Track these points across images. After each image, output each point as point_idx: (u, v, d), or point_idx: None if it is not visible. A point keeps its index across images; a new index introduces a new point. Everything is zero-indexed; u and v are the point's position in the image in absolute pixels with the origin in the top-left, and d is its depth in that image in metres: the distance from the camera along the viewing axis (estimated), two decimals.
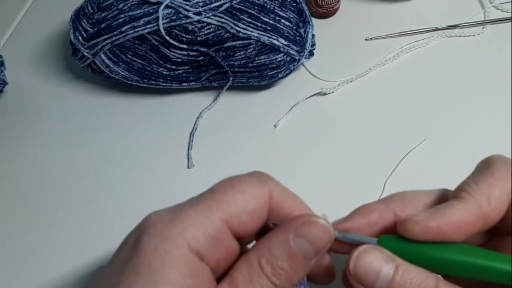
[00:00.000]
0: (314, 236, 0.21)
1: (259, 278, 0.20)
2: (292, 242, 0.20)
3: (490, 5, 0.50)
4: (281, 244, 0.20)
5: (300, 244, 0.20)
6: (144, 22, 0.41)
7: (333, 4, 0.50)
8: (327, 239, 0.21)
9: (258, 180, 0.22)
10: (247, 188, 0.21)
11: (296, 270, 0.21)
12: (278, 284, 0.20)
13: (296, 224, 0.21)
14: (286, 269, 0.20)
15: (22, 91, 0.49)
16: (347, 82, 0.46)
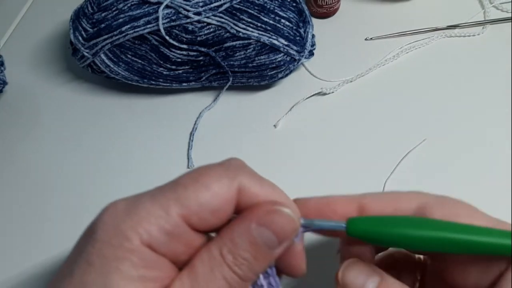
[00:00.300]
0: (277, 225, 0.20)
1: (220, 267, 0.20)
2: (254, 231, 0.20)
3: (490, 5, 0.50)
4: (243, 233, 0.20)
5: (263, 233, 0.20)
6: (144, 22, 0.41)
7: (333, 4, 0.50)
8: (291, 228, 0.21)
9: (227, 174, 0.21)
10: (213, 183, 0.20)
11: (259, 260, 0.20)
12: (240, 274, 0.20)
13: (259, 213, 0.20)
14: (248, 259, 0.20)
15: (22, 91, 0.49)
16: (347, 82, 0.46)
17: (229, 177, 0.21)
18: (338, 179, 0.40)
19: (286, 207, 0.21)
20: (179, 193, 0.20)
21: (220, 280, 0.20)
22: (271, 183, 0.22)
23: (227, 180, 0.20)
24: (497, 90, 0.44)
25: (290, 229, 0.21)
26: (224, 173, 0.21)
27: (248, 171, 0.22)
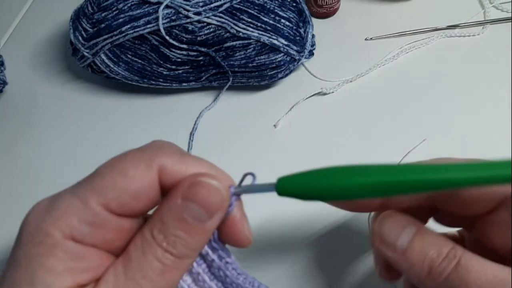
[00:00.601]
0: (202, 197, 0.20)
1: (151, 248, 0.19)
2: (180, 207, 0.19)
3: (490, 5, 0.50)
4: (170, 210, 0.20)
5: (190, 208, 0.19)
6: (144, 22, 0.41)
7: (333, 4, 0.50)
8: (218, 199, 0.20)
9: (144, 158, 0.20)
10: (129, 169, 0.20)
11: (194, 236, 0.20)
12: (175, 253, 0.20)
13: (182, 188, 0.20)
14: (180, 236, 0.19)
15: (22, 91, 0.49)
16: (347, 82, 0.46)
17: (146, 159, 0.20)
18: None
19: (210, 177, 0.20)
20: (96, 182, 0.20)
21: (153, 261, 0.19)
22: (196, 157, 0.22)
23: (143, 163, 0.20)
24: (497, 90, 0.44)
25: (217, 200, 0.20)
26: (141, 156, 0.20)
27: (168, 151, 0.21)
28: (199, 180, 0.20)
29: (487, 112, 0.42)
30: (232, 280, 0.22)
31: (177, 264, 0.20)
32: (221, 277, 0.22)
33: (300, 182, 0.21)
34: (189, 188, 0.20)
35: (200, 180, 0.20)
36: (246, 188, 0.22)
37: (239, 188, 0.22)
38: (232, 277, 0.22)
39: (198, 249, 0.21)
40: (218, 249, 0.22)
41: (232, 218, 0.22)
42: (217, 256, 0.22)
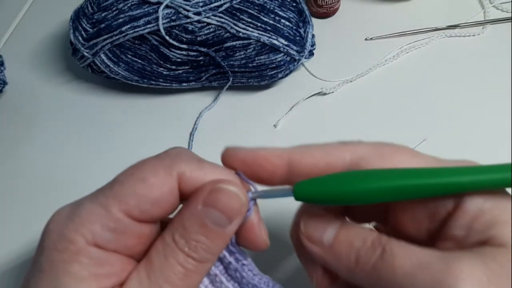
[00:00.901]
0: (223, 203, 0.20)
1: (173, 253, 0.20)
2: (201, 213, 0.20)
3: (490, 5, 0.50)
4: (191, 216, 0.20)
5: (210, 213, 0.20)
6: (144, 22, 0.41)
7: (333, 4, 0.50)
8: (238, 204, 0.21)
9: (163, 165, 0.21)
10: (148, 176, 0.20)
11: (214, 240, 0.20)
12: (196, 257, 0.20)
13: (203, 194, 0.20)
14: (202, 240, 0.20)
15: (22, 91, 0.49)
16: (347, 82, 0.46)
17: (165, 167, 0.21)
18: None
19: (229, 184, 0.21)
20: (116, 190, 0.20)
21: (175, 266, 0.20)
22: (213, 164, 0.22)
23: (163, 170, 0.20)
24: (497, 90, 0.44)
25: (237, 205, 0.21)
26: (160, 163, 0.21)
27: (186, 158, 0.22)
28: (219, 186, 0.20)
29: (487, 112, 0.42)
30: (248, 281, 0.23)
31: (198, 268, 0.20)
32: (238, 278, 0.23)
33: (318, 187, 0.21)
34: (209, 195, 0.20)
35: (220, 187, 0.20)
36: (264, 193, 0.22)
37: (257, 193, 0.22)
38: (248, 278, 0.23)
39: (218, 253, 0.21)
40: (235, 252, 0.23)
41: (250, 223, 0.22)
42: (234, 258, 0.23)
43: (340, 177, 0.21)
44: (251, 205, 0.22)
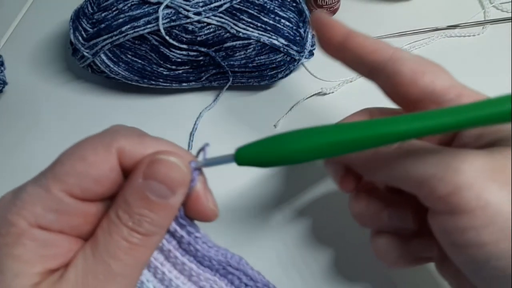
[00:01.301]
0: (163, 174, 0.20)
1: (117, 229, 0.20)
2: (142, 186, 0.20)
3: (490, 5, 0.50)
4: (132, 190, 0.20)
5: (151, 185, 0.20)
6: (144, 22, 0.41)
7: (333, 4, 0.50)
8: (179, 175, 0.20)
9: (102, 142, 0.21)
10: (87, 154, 0.20)
11: (158, 213, 0.20)
12: (141, 231, 0.20)
13: (143, 167, 0.20)
14: (145, 214, 0.20)
15: (22, 91, 0.49)
16: (347, 82, 0.46)
17: (104, 143, 0.20)
18: None
19: (169, 154, 0.20)
20: (57, 170, 0.20)
21: (119, 241, 0.20)
22: (155, 137, 0.22)
23: (102, 147, 0.20)
24: (497, 90, 0.44)
25: (178, 176, 0.20)
26: (99, 140, 0.21)
27: (126, 133, 0.21)
28: (158, 157, 0.20)
29: None
30: (204, 254, 0.23)
31: (144, 242, 0.20)
32: (192, 252, 0.23)
33: (258, 150, 0.21)
34: (148, 167, 0.20)
35: (159, 158, 0.20)
36: (206, 161, 0.22)
37: (199, 162, 0.22)
38: (203, 250, 0.23)
39: (165, 225, 0.21)
40: (186, 225, 0.22)
41: (196, 193, 0.22)
42: (185, 232, 0.22)
43: (279, 137, 0.21)
44: (195, 176, 0.22)
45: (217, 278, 0.23)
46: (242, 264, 0.24)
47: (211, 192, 0.23)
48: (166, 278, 0.22)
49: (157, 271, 0.22)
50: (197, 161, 0.22)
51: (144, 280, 0.22)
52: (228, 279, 0.23)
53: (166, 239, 0.22)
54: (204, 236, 0.23)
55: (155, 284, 0.22)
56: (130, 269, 0.20)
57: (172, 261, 0.23)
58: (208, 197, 0.22)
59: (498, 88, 0.45)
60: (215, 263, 0.23)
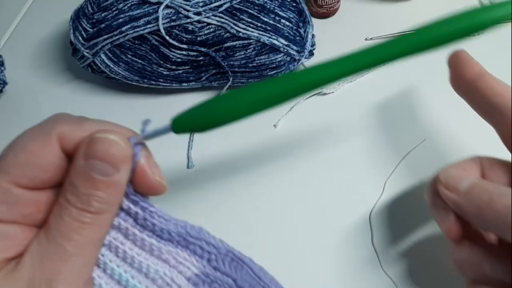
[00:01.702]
0: (103, 152, 0.20)
1: (67, 211, 0.20)
2: (85, 166, 0.20)
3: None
4: (77, 172, 0.20)
5: (93, 165, 0.20)
6: (144, 22, 0.41)
7: (333, 4, 0.50)
8: (118, 151, 0.21)
9: (41, 130, 0.21)
10: (28, 143, 0.21)
11: (105, 191, 0.20)
12: (91, 210, 0.20)
13: (83, 148, 0.20)
14: (92, 193, 0.20)
15: (22, 91, 0.49)
16: (347, 82, 0.46)
17: (43, 131, 0.21)
18: (339, 179, 0.40)
19: (106, 132, 0.21)
20: (1, 163, 0.21)
21: (70, 222, 0.20)
22: (95, 119, 0.22)
23: (41, 135, 0.21)
24: None
25: (118, 152, 0.21)
26: (38, 129, 0.21)
27: (65, 119, 0.22)
28: (96, 136, 0.20)
29: None
30: (162, 227, 0.23)
31: (95, 220, 0.20)
32: (150, 227, 0.23)
33: (191, 116, 0.22)
34: (88, 147, 0.20)
35: (97, 137, 0.20)
36: (145, 135, 0.23)
37: (138, 137, 0.22)
38: (160, 224, 0.23)
39: (114, 202, 0.21)
40: (139, 201, 0.22)
41: (141, 168, 0.22)
42: (139, 208, 0.22)
43: (210, 102, 0.22)
44: (137, 151, 0.22)
45: (179, 250, 0.23)
46: (202, 233, 0.24)
47: (157, 166, 0.23)
48: (128, 256, 0.23)
49: (118, 251, 0.23)
50: (135, 137, 0.22)
51: (107, 261, 0.22)
52: (190, 249, 0.23)
53: (122, 218, 0.23)
54: (159, 210, 0.23)
55: (118, 263, 0.23)
56: (84, 249, 0.20)
57: (132, 238, 0.23)
58: (153, 170, 0.23)
59: None
60: (175, 235, 0.23)
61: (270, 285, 0.25)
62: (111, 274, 0.23)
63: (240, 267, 0.24)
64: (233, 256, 0.24)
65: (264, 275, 0.25)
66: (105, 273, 0.22)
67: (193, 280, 0.23)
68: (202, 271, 0.24)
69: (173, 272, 0.23)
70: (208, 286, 0.23)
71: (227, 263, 0.24)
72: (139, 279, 0.23)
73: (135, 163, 0.22)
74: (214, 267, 0.24)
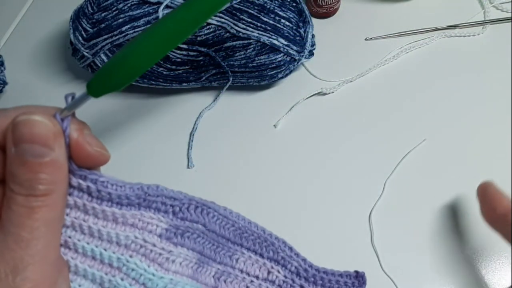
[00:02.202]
0: (29, 134, 0.20)
1: (13, 200, 0.20)
2: (17, 152, 0.20)
3: (490, 5, 0.50)
4: (11, 161, 0.20)
5: (25, 149, 0.19)
6: (144, 22, 0.41)
7: (333, 4, 0.50)
8: (44, 129, 0.20)
9: None
10: None
11: (46, 171, 0.20)
12: (37, 193, 0.20)
13: (9, 135, 0.20)
14: (33, 177, 0.20)
15: (22, 91, 0.49)
16: (347, 82, 0.46)
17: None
18: (338, 179, 0.40)
19: (27, 114, 0.20)
20: None
21: (19, 209, 0.20)
22: (17, 107, 0.22)
23: None
24: (497, 90, 0.44)
25: (44, 131, 0.20)
26: None
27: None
28: (18, 120, 0.20)
29: (487, 112, 0.42)
30: (119, 194, 0.23)
31: (44, 202, 0.20)
32: (107, 197, 0.23)
33: (104, 76, 0.22)
34: (14, 132, 0.20)
35: (19, 120, 0.20)
36: (68, 107, 0.22)
37: (62, 112, 0.22)
38: (116, 192, 0.23)
39: (58, 180, 0.21)
40: (86, 175, 0.22)
41: (75, 141, 0.22)
42: (90, 181, 0.22)
43: (116, 58, 0.22)
44: (66, 124, 0.22)
45: (143, 211, 0.24)
46: (160, 189, 0.24)
47: (93, 137, 0.23)
48: (95, 230, 0.23)
49: (83, 228, 0.23)
50: (59, 112, 0.22)
51: (75, 241, 0.23)
52: (153, 208, 0.24)
53: (76, 195, 0.23)
54: (110, 178, 0.23)
55: (87, 240, 0.23)
56: (42, 231, 0.20)
57: (92, 213, 0.23)
58: (89, 141, 0.22)
59: (498, 88, 0.45)
60: (134, 199, 0.23)
61: (237, 221, 0.26)
62: (83, 252, 0.23)
63: (205, 212, 0.25)
64: (196, 203, 0.25)
65: (230, 213, 0.26)
66: (77, 253, 0.23)
67: (165, 235, 0.24)
68: (171, 224, 0.24)
69: (143, 234, 0.23)
70: (180, 236, 0.24)
71: (192, 211, 0.24)
72: (112, 249, 0.23)
73: (68, 138, 0.21)
74: (181, 218, 0.24)
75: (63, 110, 0.22)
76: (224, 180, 0.41)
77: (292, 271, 0.25)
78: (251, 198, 0.39)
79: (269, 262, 0.25)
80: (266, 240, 0.25)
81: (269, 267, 0.25)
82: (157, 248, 0.24)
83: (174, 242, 0.24)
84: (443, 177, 0.39)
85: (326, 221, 0.38)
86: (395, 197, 0.38)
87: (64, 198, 0.22)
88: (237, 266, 0.25)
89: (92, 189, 0.22)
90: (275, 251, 0.26)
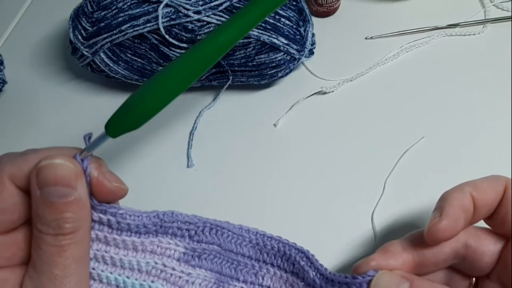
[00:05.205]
0: (53, 177, 0.21)
1: (43, 240, 0.21)
2: (42, 196, 0.21)
3: (490, 4, 0.50)
4: (38, 204, 0.21)
5: (49, 192, 0.21)
6: (144, 21, 0.41)
7: (333, 3, 0.50)
8: (66, 171, 0.21)
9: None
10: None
11: (71, 210, 0.21)
12: (65, 232, 0.21)
13: (33, 179, 0.21)
14: (59, 217, 0.21)
15: (22, 90, 0.49)
16: (347, 81, 0.46)
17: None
18: (338, 178, 0.40)
19: (49, 159, 0.21)
20: None
21: (50, 249, 0.21)
22: (36, 149, 0.23)
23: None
24: (497, 89, 0.44)
25: (66, 172, 0.21)
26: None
27: (8, 159, 0.22)
28: (42, 165, 0.21)
29: (486, 111, 0.42)
30: (137, 224, 0.24)
31: (72, 239, 0.21)
32: (126, 228, 0.24)
33: (120, 117, 0.24)
34: (38, 177, 0.21)
35: (43, 165, 0.21)
36: (87, 148, 0.24)
37: (83, 153, 0.23)
38: (134, 222, 0.24)
39: (83, 217, 0.22)
40: (106, 209, 0.24)
41: (95, 179, 0.23)
42: (110, 215, 0.24)
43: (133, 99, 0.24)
44: (86, 164, 0.23)
45: (160, 237, 0.25)
46: (175, 215, 0.25)
47: (111, 173, 0.24)
48: (117, 259, 0.24)
49: (105, 259, 0.24)
50: (79, 153, 0.23)
51: (99, 272, 0.24)
52: (169, 233, 0.25)
53: (97, 229, 0.24)
54: (128, 209, 0.24)
55: (110, 270, 0.24)
56: (72, 268, 0.21)
57: (113, 243, 0.24)
58: (108, 178, 0.24)
59: (498, 87, 0.45)
60: (151, 227, 0.24)
61: (253, 237, 0.26)
62: (107, 282, 0.24)
63: (220, 233, 0.26)
64: (210, 225, 0.26)
65: (246, 230, 0.26)
66: (102, 283, 0.24)
67: (183, 258, 0.25)
68: (188, 248, 0.25)
69: (162, 259, 0.25)
70: (198, 258, 0.25)
71: (207, 233, 0.25)
72: (135, 276, 0.24)
73: (89, 177, 0.23)
74: (197, 241, 0.25)
75: (82, 151, 0.23)
76: (224, 179, 0.41)
77: (310, 283, 0.25)
78: (251, 197, 0.39)
79: (291, 276, 0.26)
80: (285, 253, 0.26)
81: (291, 281, 0.26)
82: (177, 271, 0.25)
83: (192, 264, 0.25)
84: (442, 174, 0.39)
85: (326, 221, 0.38)
86: (396, 196, 0.38)
87: (89, 234, 0.23)
88: (264, 283, 0.26)
89: (112, 222, 0.24)
90: (292, 263, 0.26)
